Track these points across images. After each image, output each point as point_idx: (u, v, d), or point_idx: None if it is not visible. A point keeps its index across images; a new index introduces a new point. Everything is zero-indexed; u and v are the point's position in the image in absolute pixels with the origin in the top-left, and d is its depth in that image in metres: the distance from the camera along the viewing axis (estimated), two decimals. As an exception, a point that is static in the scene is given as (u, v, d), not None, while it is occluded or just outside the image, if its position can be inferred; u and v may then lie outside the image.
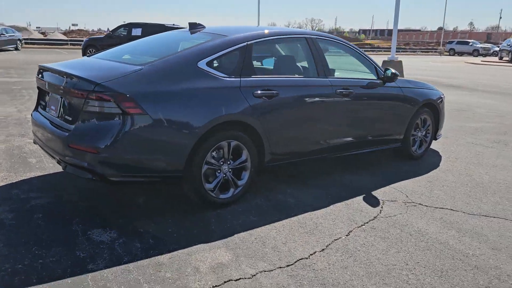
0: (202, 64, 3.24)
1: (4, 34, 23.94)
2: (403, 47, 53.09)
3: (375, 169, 4.63)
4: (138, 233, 2.93)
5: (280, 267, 2.60)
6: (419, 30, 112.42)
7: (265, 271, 2.54)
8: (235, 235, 2.97)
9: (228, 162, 3.39)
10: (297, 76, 3.90)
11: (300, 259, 2.70)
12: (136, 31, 16.75)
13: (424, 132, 5.11)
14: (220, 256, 2.69)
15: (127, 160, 2.92)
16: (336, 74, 4.33)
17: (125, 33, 16.96)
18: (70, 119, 3.04)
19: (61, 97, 3.17)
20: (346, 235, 3.06)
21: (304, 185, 4.03)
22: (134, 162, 2.95)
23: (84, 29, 62.14)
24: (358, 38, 70.24)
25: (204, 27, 3.95)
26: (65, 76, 3.07)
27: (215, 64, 3.35)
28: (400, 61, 16.26)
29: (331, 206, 3.56)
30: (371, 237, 3.05)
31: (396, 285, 2.45)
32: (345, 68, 4.88)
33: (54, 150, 3.11)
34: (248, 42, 3.56)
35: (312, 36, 4.04)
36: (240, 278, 2.46)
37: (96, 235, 2.87)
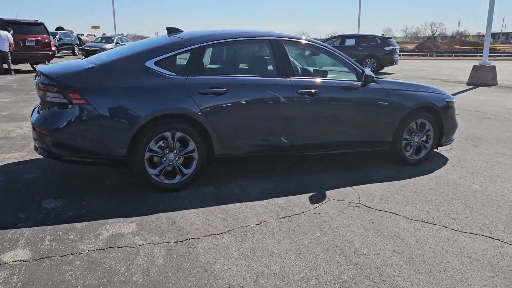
0: (149, 63, 3.69)
1: (119, 43, 27.20)
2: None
3: (354, 170, 4.59)
4: (79, 205, 3.48)
5: (168, 242, 2.91)
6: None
7: (151, 244, 2.88)
8: (155, 215, 3.34)
9: (175, 151, 3.77)
10: (251, 75, 4.11)
11: (191, 238, 2.98)
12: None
13: (424, 137, 4.88)
14: (125, 228, 3.10)
15: (74, 143, 3.49)
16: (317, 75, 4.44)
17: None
18: (41, 109, 3.72)
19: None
20: (256, 225, 3.23)
21: (263, 179, 4.22)
22: (80, 146, 3.51)
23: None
24: (479, 42, 64.10)
25: (180, 31, 4.38)
26: (39, 75, 3.76)
27: (164, 63, 3.76)
28: (493, 66, 14.92)
29: (270, 200, 3.73)
30: (278, 228, 3.18)
31: (259, 272, 2.60)
32: (336, 70, 4.92)
33: (33, 136, 3.82)
34: (201, 44, 3.91)
35: (277, 38, 4.23)
36: (125, 246, 2.84)
37: (47, 203, 3.49)
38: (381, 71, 18.87)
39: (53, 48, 15.71)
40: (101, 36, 32.27)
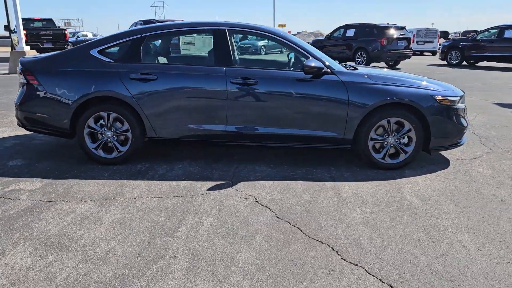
0: (93, 51, 4.28)
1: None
2: None
3: (310, 167, 4.37)
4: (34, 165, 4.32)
5: (40, 201, 3.47)
6: None
7: (29, 200, 3.49)
8: (65, 180, 3.93)
9: (112, 129, 4.30)
10: (186, 64, 4.28)
11: (62, 201, 3.48)
12: (350, 32, 17.44)
13: (405, 139, 4.28)
14: (26, 185, 3.77)
15: (32, 116, 4.33)
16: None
17: (341, 35, 17.88)
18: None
19: None
20: (129, 199, 3.53)
21: (201, 164, 4.40)
22: (36, 118, 4.33)
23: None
24: None
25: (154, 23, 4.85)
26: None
27: (107, 51, 4.30)
28: None
29: (174, 181, 3.94)
30: (146, 203, 3.42)
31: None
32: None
33: None
34: (143, 34, 4.31)
35: (221, 28, 4.31)
36: (9, 198, 3.51)
37: (13, 162, 4.43)
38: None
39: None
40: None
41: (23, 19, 14.95)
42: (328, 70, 4.20)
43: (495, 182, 3.99)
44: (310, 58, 4.18)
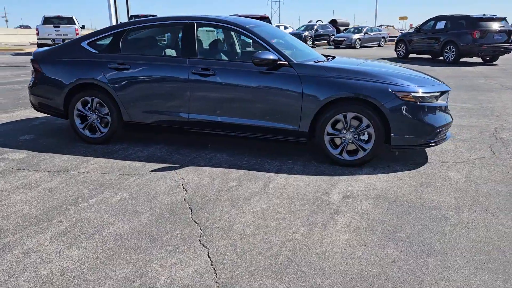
0: (84, 43, 4.87)
1: (368, 33, 27.83)
2: None
3: (268, 158, 4.44)
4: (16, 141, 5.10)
5: (12, 168, 4.15)
6: None
7: (4, 167, 4.20)
8: (46, 154, 4.58)
9: (96, 113, 4.88)
10: (156, 55, 4.63)
11: (26, 170, 4.12)
12: (440, 24, 16.09)
13: (365, 136, 4.09)
14: (14, 155, 4.50)
15: (37, 99, 5.10)
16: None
17: (430, 28, 16.58)
18: None
19: None
20: (79, 172, 4.04)
21: (172, 148, 4.72)
22: (40, 101, 5.09)
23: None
24: None
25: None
26: None
27: (94, 44, 4.85)
28: None
29: (130, 162, 4.34)
30: (90, 178, 3.90)
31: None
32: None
33: None
34: (125, 28, 4.78)
35: (190, 21, 4.56)
36: (-8, 164, 4.27)
37: (24, 137, 5.27)
38: None
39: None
40: (352, 26, 33.59)
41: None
42: (286, 62, 4.20)
43: (449, 189, 3.64)
44: (264, 50, 4.22)
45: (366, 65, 4.62)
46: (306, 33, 30.42)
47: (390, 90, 3.96)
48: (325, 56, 5.26)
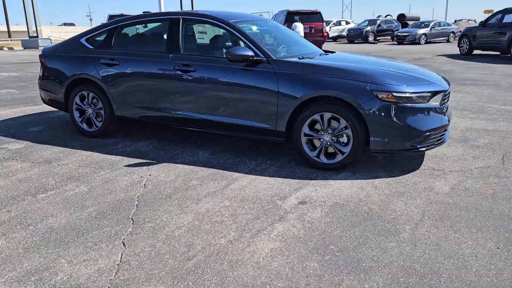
0: (83, 40, 5.04)
1: (436, 28, 26.23)
2: None
3: (247, 158, 4.33)
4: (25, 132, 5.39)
5: (3, 157, 4.42)
6: None
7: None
8: (42, 145, 4.81)
9: (92, 107, 5.05)
10: (144, 51, 4.65)
11: (14, 159, 4.36)
12: (508, 18, 14.65)
13: (345, 138, 3.82)
14: (14, 145, 4.77)
15: (43, 93, 5.38)
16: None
17: (497, 21, 15.16)
18: None
19: None
20: (62, 164, 4.21)
21: (160, 144, 4.76)
22: (46, 95, 5.36)
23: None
24: None
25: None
26: None
27: (92, 40, 5.01)
28: None
29: (111, 156, 4.43)
30: (65, 170, 4.06)
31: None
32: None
33: None
34: (118, 24, 4.87)
35: (176, 17, 4.54)
36: (-11, 153, 4.57)
37: (33, 129, 5.60)
38: None
39: (324, 34, 17.67)
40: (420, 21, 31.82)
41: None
42: (264, 59, 4.04)
43: (422, 200, 3.30)
44: (240, 46, 4.09)
45: (359, 61, 4.32)
46: (368, 28, 29.42)
47: (368, 89, 3.65)
48: (325, 51, 5.00)
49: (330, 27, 32.72)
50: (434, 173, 3.86)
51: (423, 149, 3.77)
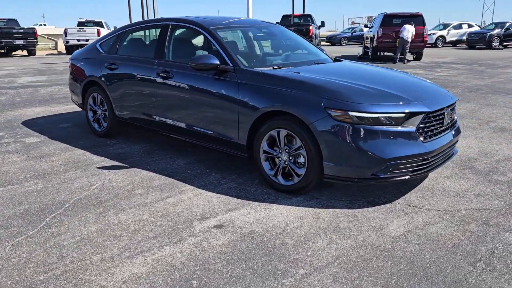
0: (97, 45, 5.35)
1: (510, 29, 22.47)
2: None
3: (217, 171, 4.18)
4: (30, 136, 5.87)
5: (13, 150, 4.90)
6: None
7: (7, 151, 4.98)
8: (51, 141, 5.22)
9: (100, 108, 5.33)
10: (138, 56, 4.72)
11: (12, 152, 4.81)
12: None
13: (302, 159, 3.43)
14: (31, 138, 5.25)
15: (71, 93, 5.84)
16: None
17: None
18: None
19: None
20: (42, 159, 4.52)
21: (149, 148, 4.83)
22: (72, 94, 5.79)
23: None
24: None
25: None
26: None
27: (103, 44, 5.28)
28: None
29: (95, 157, 4.62)
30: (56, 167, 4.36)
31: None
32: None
33: None
34: (125, 30, 5.06)
35: (172, 23, 4.51)
36: (2, 142, 5.11)
37: (63, 125, 6.11)
38: None
39: (425, 39, 16.16)
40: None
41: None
42: (231, 67, 3.83)
43: (354, 241, 2.80)
44: (208, 54, 3.92)
45: (348, 74, 3.85)
46: (494, 32, 26.30)
47: (322, 105, 3.21)
48: (335, 60, 4.60)
49: (448, 31, 29.97)
50: (406, 209, 3.24)
51: (391, 179, 3.19)
